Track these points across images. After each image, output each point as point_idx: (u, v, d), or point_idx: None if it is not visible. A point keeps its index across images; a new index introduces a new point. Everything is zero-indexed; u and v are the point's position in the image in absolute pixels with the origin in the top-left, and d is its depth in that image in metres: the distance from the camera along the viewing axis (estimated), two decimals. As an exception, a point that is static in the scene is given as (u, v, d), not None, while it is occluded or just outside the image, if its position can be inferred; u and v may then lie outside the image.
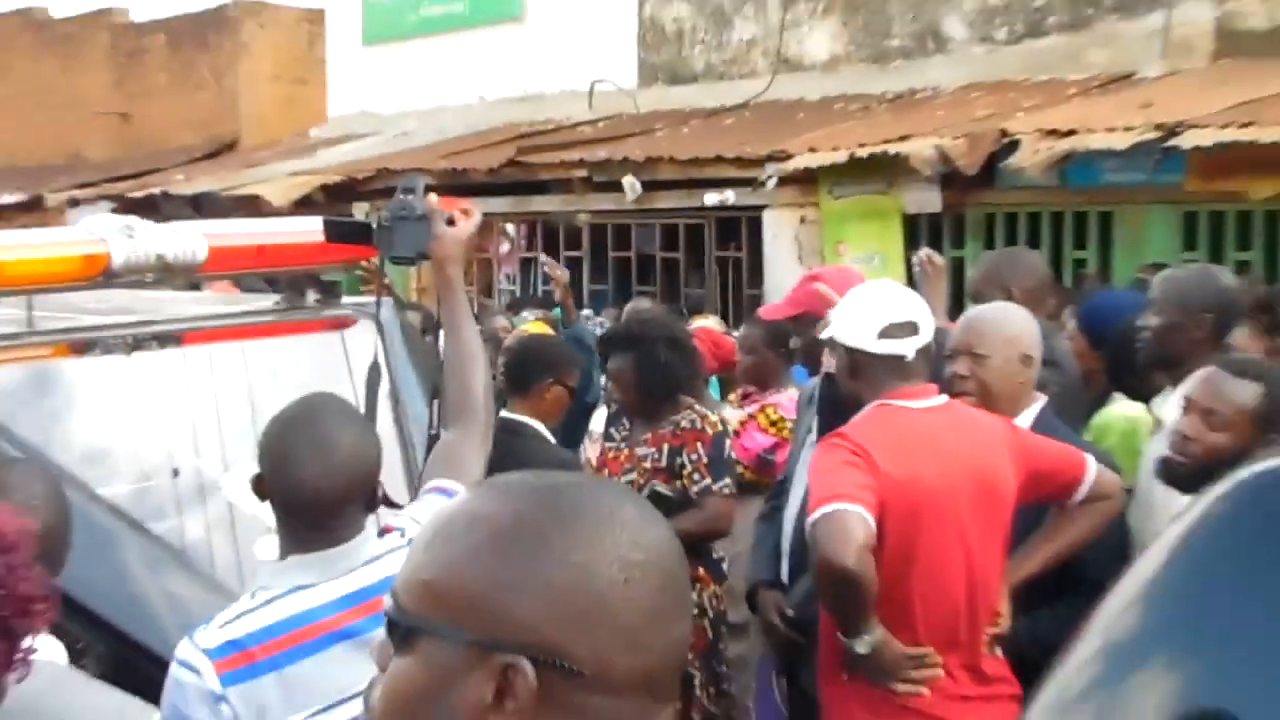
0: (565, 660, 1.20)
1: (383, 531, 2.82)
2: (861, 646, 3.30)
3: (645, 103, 11.99)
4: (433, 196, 3.37)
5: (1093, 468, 3.53)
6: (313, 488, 2.65)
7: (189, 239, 3.74)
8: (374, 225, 3.36)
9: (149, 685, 2.61)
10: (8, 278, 3.46)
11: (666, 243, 10.96)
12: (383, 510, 2.90)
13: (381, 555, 2.71)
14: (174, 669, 2.58)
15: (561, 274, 7.60)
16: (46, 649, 2.17)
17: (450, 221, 3.25)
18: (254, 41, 16.05)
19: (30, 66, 18.18)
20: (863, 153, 8.70)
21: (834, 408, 3.85)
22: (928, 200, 8.80)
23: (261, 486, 2.73)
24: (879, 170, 8.79)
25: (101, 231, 3.63)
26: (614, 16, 12.29)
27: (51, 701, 2.35)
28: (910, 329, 3.52)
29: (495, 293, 11.33)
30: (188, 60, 16.67)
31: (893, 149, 8.55)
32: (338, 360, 3.98)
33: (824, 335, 3.71)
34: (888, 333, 3.49)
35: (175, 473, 3.70)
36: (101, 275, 3.55)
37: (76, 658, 2.75)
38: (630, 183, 10.14)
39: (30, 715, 2.28)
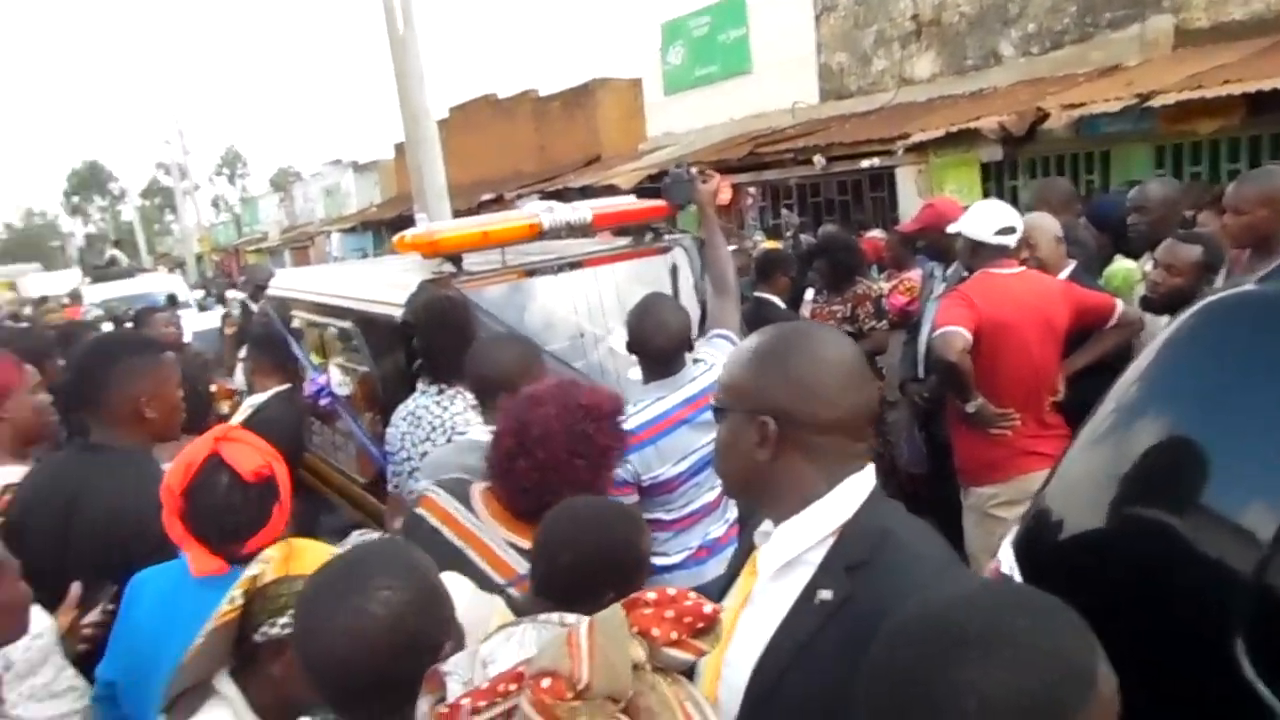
0: (793, 415, 1.24)
1: (695, 361, 2.83)
2: (970, 408, 3.24)
3: (824, 111, 11.53)
4: (694, 168, 3.44)
5: (1119, 305, 3.37)
6: (658, 344, 2.71)
7: (582, 211, 3.83)
8: (662, 186, 3.50)
9: None
10: (492, 238, 3.62)
11: (840, 191, 10.59)
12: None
13: (697, 376, 2.75)
14: None
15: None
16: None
17: (704, 181, 3.32)
18: (605, 99, 16.06)
19: (492, 125, 18.65)
20: (954, 129, 8.22)
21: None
22: (994, 153, 8.26)
23: (630, 344, 2.81)
24: (963, 139, 8.27)
25: (536, 210, 3.76)
26: (802, 66, 11.80)
27: None
28: (1010, 230, 3.39)
29: (746, 226, 11.17)
30: (571, 113, 16.80)
31: (972, 125, 8.05)
32: (664, 271, 4.04)
33: (955, 230, 3.57)
34: (999, 231, 3.36)
35: (581, 335, 3.71)
36: (539, 235, 3.69)
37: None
38: (818, 159, 9.87)
39: None
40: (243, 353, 4.85)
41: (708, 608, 1.10)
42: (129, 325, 6.99)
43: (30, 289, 18.56)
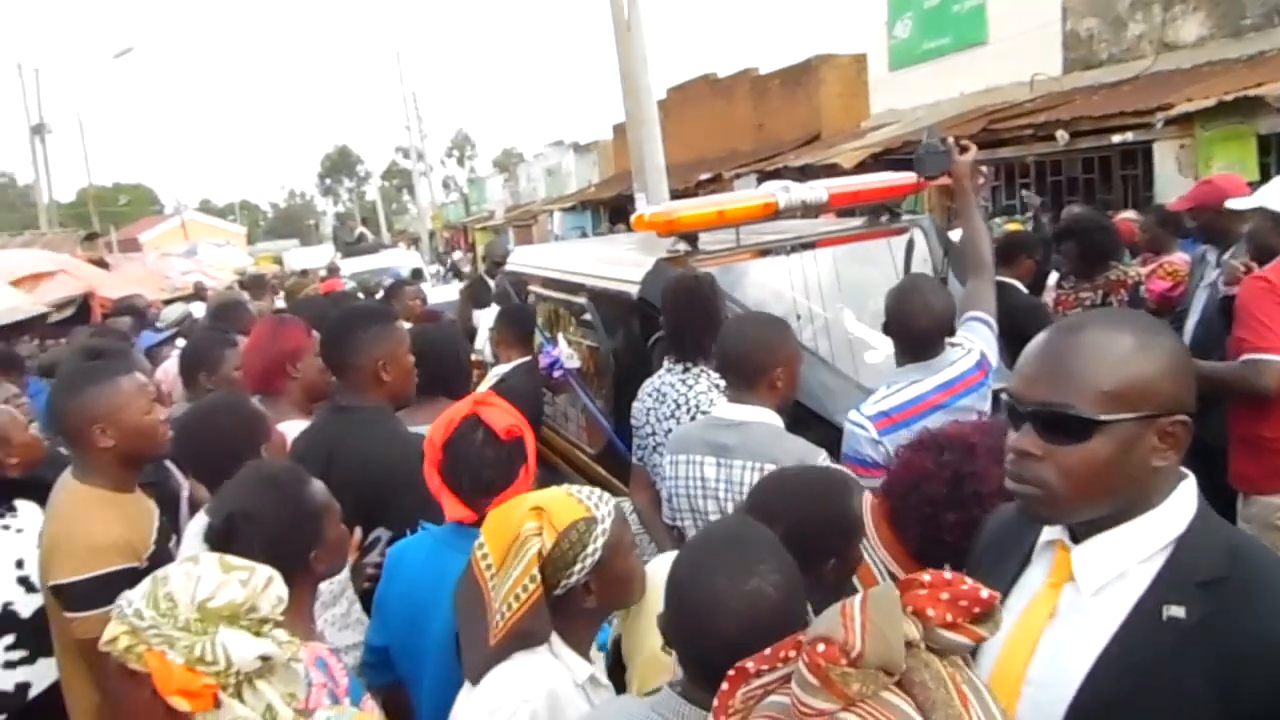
0: (1187, 410, 1.14)
1: (952, 345, 2.70)
2: None
3: (1067, 83, 10.69)
4: (949, 138, 3.25)
5: None
6: (921, 326, 2.61)
7: (817, 191, 3.75)
8: (914, 158, 3.32)
9: (817, 437, 2.63)
10: (727, 217, 3.61)
11: (1084, 169, 9.78)
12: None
13: (955, 361, 2.63)
14: (850, 427, 2.55)
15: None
16: None
17: (961, 152, 3.13)
18: (827, 76, 15.65)
19: (710, 104, 18.69)
20: (1229, 97, 7.35)
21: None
22: (1276, 124, 7.30)
23: (888, 327, 2.71)
24: (1238, 109, 7.38)
25: (772, 190, 3.71)
26: (1045, 34, 10.96)
27: (771, 442, 2.38)
28: None
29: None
30: (790, 91, 16.53)
31: (1251, 92, 7.18)
32: (899, 253, 3.89)
33: (1246, 206, 3.20)
34: None
35: (810, 316, 3.58)
36: (773, 214, 3.64)
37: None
38: (1061, 134, 9.17)
39: (759, 452, 2.33)
40: (490, 324, 5.12)
41: (984, 593, 1.06)
42: (379, 297, 7.60)
43: (293, 263, 20.98)
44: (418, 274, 12.42)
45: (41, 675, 2.53)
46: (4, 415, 2.75)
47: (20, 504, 2.57)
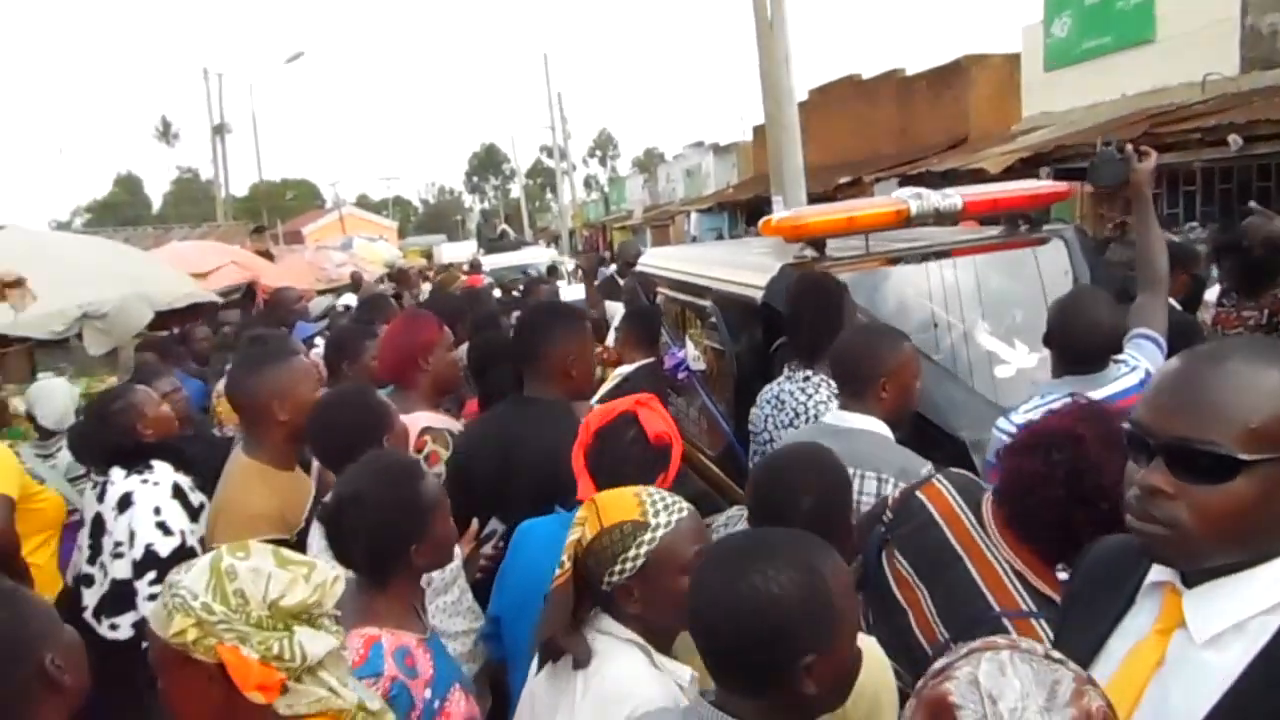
0: None
1: (1116, 361, 2.58)
2: None
3: (1244, 84, 9.91)
4: (1127, 144, 3.07)
5: None
6: (1090, 342, 2.51)
7: (953, 198, 3.65)
8: (1089, 166, 3.14)
9: (937, 447, 2.56)
10: (857, 224, 3.56)
11: (1260, 176, 9.06)
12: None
13: (1119, 377, 2.51)
14: (996, 433, 2.48)
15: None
16: None
17: (1140, 159, 2.94)
18: (977, 77, 15.08)
19: (853, 106, 18.34)
20: None
21: None
22: None
23: (1050, 338, 2.62)
24: None
25: (904, 196, 3.64)
26: (1221, 31, 10.20)
27: (876, 452, 2.32)
28: None
29: (1134, 216, 9.95)
30: (938, 93, 16.01)
31: None
32: (1038, 265, 3.72)
33: None
34: None
35: (936, 326, 3.50)
36: (905, 222, 3.56)
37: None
38: (1234, 139, 8.52)
39: (863, 460, 2.26)
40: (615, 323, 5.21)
41: None
42: (516, 294, 7.84)
43: (442, 258, 22.13)
44: (553, 271, 12.73)
45: None
46: (141, 393, 3.08)
47: (155, 464, 2.87)
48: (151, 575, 2.71)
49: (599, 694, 1.49)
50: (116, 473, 2.86)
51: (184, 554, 2.76)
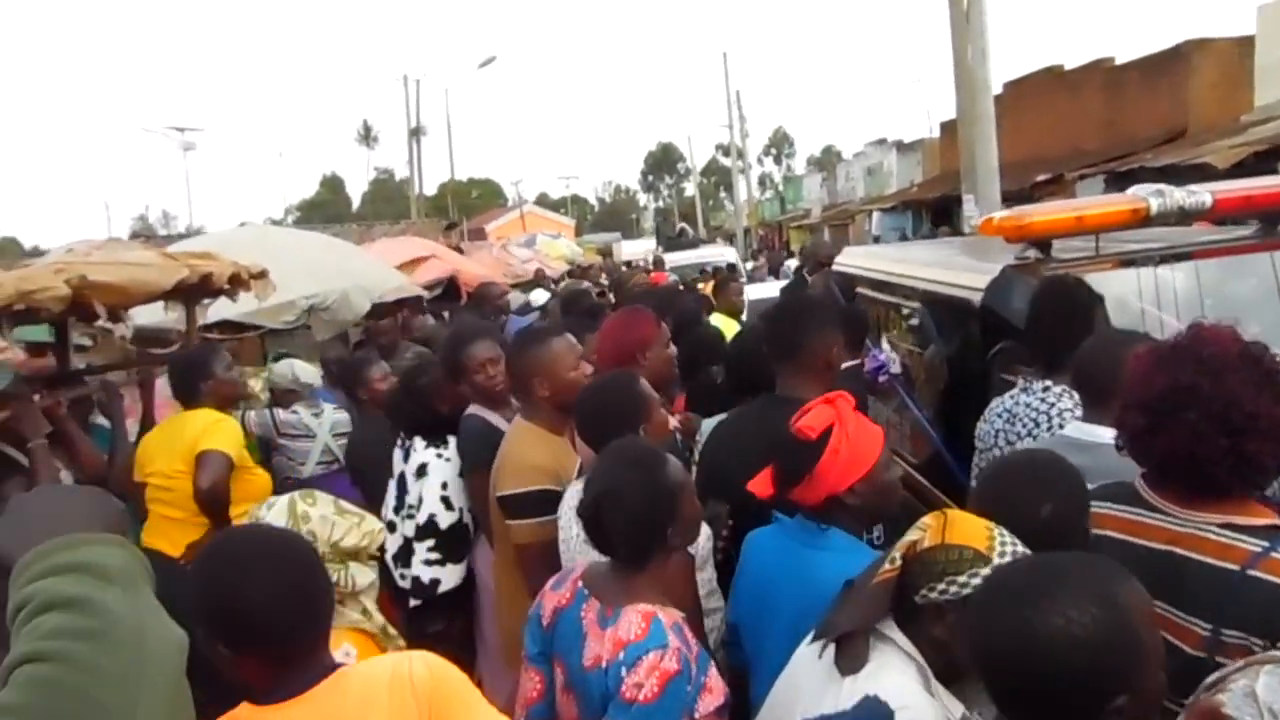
0: None
1: None
2: None
3: None
4: None
5: None
6: None
7: (1199, 195, 3.37)
8: None
9: None
10: (1087, 223, 3.36)
11: None
12: None
13: None
14: None
15: None
16: None
17: None
18: (1200, 64, 13.86)
19: (1053, 99, 17.35)
20: None
21: None
22: None
23: None
24: None
25: (1143, 194, 3.40)
26: None
27: (1123, 467, 2.09)
28: None
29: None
30: (1153, 83, 14.83)
31: None
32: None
33: None
34: None
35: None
36: (1143, 220, 3.33)
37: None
38: None
39: (1109, 475, 2.07)
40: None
41: None
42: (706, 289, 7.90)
43: (621, 255, 22.76)
44: (733, 268, 12.76)
45: (450, 576, 3.16)
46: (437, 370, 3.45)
47: (451, 439, 3.22)
48: (430, 543, 3.09)
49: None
50: (419, 441, 3.26)
51: (460, 530, 3.15)
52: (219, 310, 5.70)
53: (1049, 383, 2.68)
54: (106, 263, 3.55)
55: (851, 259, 5.56)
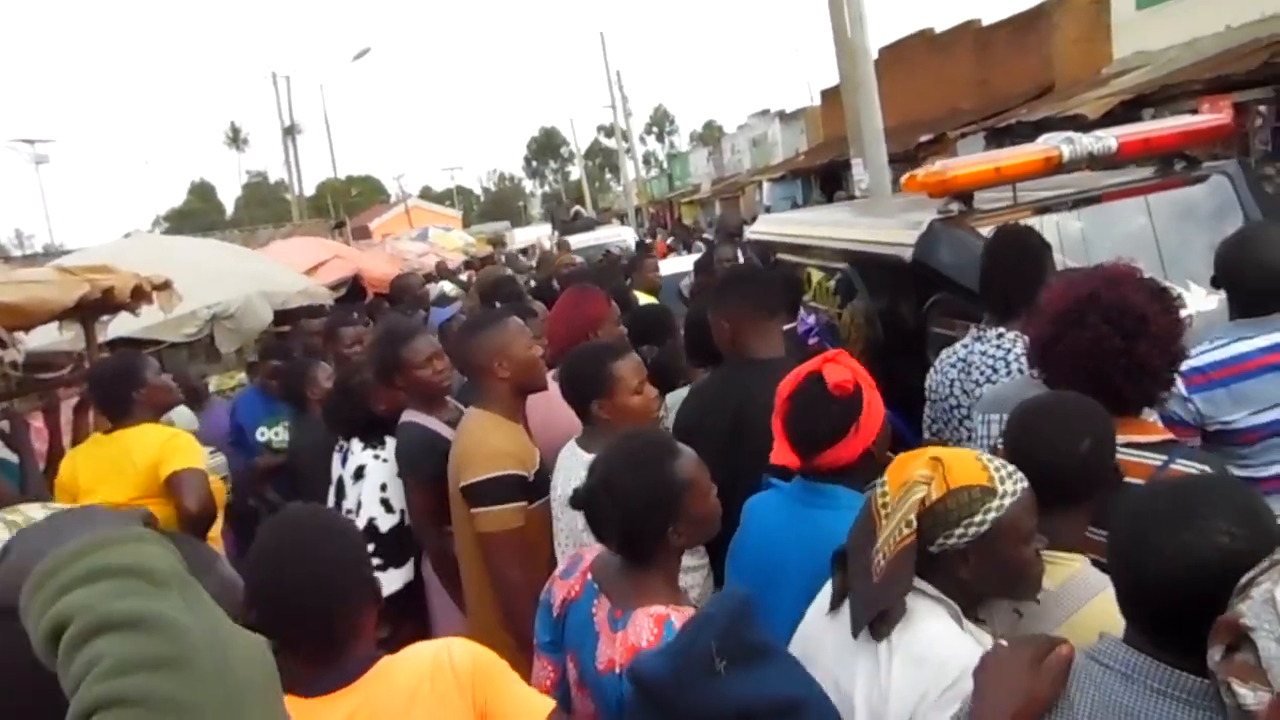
0: None
1: None
2: None
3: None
4: None
5: None
6: (1257, 283, 2.42)
7: (1105, 140, 3.53)
8: None
9: None
10: (1004, 173, 3.48)
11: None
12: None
13: None
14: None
15: None
16: None
17: None
18: (1062, 21, 14.50)
19: (927, 62, 17.91)
20: None
21: None
22: None
23: (1219, 279, 2.54)
24: None
25: (1054, 141, 3.54)
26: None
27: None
28: None
29: (1252, 151, 9.51)
30: (1020, 41, 15.51)
31: None
32: (1200, 204, 3.60)
33: None
34: None
35: None
36: (1056, 168, 3.47)
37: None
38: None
39: None
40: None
41: None
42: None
43: (514, 242, 22.65)
44: (640, 246, 12.78)
45: (392, 581, 3.06)
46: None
47: (389, 440, 3.12)
48: (370, 548, 2.84)
49: (911, 654, 1.47)
50: (356, 443, 3.18)
51: (402, 533, 3.01)
52: (114, 327, 5.38)
53: (1002, 330, 2.76)
54: (2, 283, 3.31)
55: (767, 226, 5.65)
